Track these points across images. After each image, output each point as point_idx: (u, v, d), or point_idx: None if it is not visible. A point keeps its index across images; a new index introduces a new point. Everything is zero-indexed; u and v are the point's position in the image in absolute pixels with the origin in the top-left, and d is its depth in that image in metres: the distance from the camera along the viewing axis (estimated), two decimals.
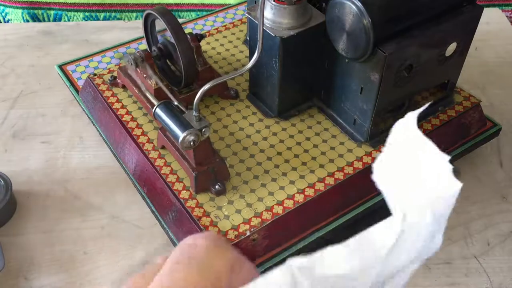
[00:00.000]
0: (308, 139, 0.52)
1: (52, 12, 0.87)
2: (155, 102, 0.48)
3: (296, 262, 0.19)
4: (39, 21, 0.88)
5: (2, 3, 0.86)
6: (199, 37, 0.54)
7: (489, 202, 0.56)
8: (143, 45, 0.65)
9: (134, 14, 0.88)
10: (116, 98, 0.57)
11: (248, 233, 0.44)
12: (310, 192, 0.47)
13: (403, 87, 0.48)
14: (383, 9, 0.43)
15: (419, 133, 0.22)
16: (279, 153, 0.51)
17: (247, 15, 0.50)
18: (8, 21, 0.88)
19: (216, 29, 0.67)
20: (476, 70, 0.72)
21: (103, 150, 0.59)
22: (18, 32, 0.78)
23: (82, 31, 0.78)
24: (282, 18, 0.47)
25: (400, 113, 0.54)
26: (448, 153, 0.54)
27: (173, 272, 0.23)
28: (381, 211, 0.57)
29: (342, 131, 0.53)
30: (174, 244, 0.48)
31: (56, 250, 0.50)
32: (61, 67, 0.64)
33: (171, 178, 0.49)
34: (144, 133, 0.53)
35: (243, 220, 0.45)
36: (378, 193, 0.51)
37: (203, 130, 0.44)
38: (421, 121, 0.54)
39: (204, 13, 0.73)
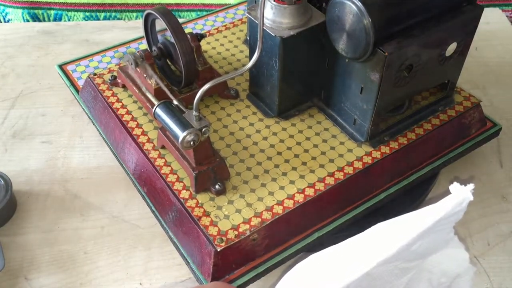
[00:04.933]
0: (308, 139, 0.52)
1: (52, 12, 0.87)
2: (155, 102, 0.48)
3: None
4: (39, 21, 0.88)
5: (2, 3, 0.86)
6: (199, 37, 0.54)
7: (489, 202, 0.56)
8: (143, 45, 0.65)
9: (134, 14, 0.88)
10: (116, 98, 0.57)
11: (248, 233, 0.44)
12: (310, 192, 0.47)
13: (403, 87, 0.48)
14: (383, 9, 0.43)
15: None
16: (279, 153, 0.51)
17: (247, 15, 0.50)
18: (8, 21, 0.88)
19: (216, 29, 0.67)
20: (476, 70, 0.72)
21: (103, 150, 0.59)
22: (18, 32, 0.78)
23: (82, 31, 0.78)
24: (282, 18, 0.47)
25: (400, 113, 0.54)
26: (448, 153, 0.54)
27: None
28: (381, 211, 0.57)
29: (342, 131, 0.53)
30: (174, 244, 0.48)
31: (56, 250, 0.51)
32: (61, 66, 0.64)
33: (171, 178, 0.49)
34: (144, 133, 0.53)
35: (243, 220, 0.45)
36: (378, 193, 0.51)
37: (203, 129, 0.44)
38: (421, 121, 0.54)
39: (204, 13, 0.73)
